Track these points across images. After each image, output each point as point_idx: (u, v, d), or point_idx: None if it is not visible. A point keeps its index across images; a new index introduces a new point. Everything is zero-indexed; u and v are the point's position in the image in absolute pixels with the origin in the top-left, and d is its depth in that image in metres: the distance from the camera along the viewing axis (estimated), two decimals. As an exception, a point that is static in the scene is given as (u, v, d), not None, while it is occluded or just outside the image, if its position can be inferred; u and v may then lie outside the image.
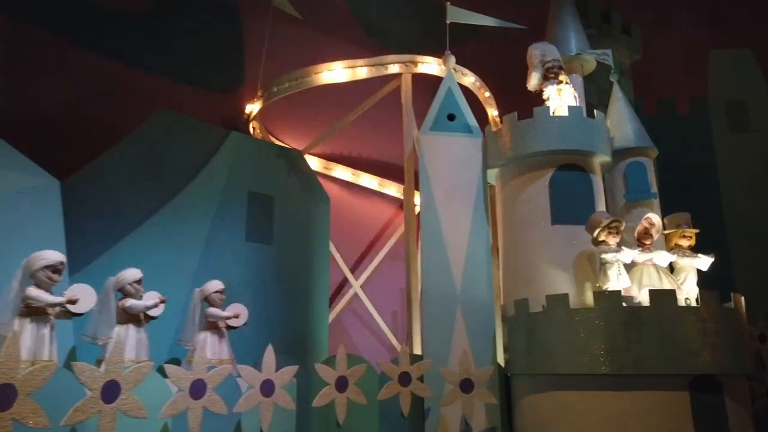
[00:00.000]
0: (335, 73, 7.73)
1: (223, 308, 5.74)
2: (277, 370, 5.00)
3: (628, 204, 6.76)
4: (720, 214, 8.38)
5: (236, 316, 5.70)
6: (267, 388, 4.95)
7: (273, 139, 9.06)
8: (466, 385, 5.86)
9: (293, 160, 7.85)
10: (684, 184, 8.49)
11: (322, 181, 8.69)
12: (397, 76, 7.73)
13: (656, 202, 6.81)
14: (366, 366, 5.59)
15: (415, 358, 5.90)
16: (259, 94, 8.22)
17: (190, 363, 5.11)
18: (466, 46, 9.43)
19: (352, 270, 9.53)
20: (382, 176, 9.99)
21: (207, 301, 5.66)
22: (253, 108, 8.41)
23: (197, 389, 4.45)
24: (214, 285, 5.70)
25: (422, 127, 6.82)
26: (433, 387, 5.79)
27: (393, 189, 10.04)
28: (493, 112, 8.80)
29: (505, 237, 6.64)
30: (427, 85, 7.92)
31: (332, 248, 8.94)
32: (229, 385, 4.84)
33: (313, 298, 7.68)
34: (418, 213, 6.83)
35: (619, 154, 6.84)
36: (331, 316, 8.91)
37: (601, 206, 6.44)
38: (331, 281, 8.86)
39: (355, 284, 9.35)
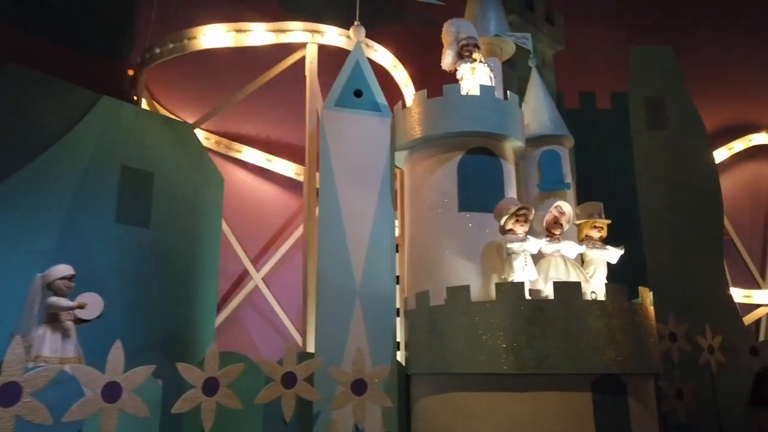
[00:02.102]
0: (229, 36, 6.89)
1: (73, 298, 4.85)
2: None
3: (541, 194, 6.40)
4: (635, 210, 8.25)
5: (81, 306, 4.79)
6: (111, 392, 4.14)
7: (164, 112, 8.10)
8: (359, 387, 5.28)
9: (180, 133, 6.99)
10: (601, 178, 8.33)
11: (222, 162, 7.89)
12: (302, 46, 7.02)
13: (570, 193, 6.51)
14: (242, 366, 4.89)
15: (306, 357, 5.30)
16: (138, 59, 7.25)
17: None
18: (388, 29, 8.88)
19: (255, 261, 8.75)
20: (292, 159, 9.23)
21: (50, 288, 4.76)
22: (136, 73, 7.43)
23: (9, 395, 3.60)
24: (60, 270, 4.79)
25: (325, 102, 6.20)
26: (325, 389, 5.19)
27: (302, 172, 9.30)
28: (408, 92, 8.25)
29: (411, 224, 6.17)
30: (341, 62, 7.27)
31: (231, 237, 8.14)
32: (69, 389, 4.04)
33: (200, 289, 6.87)
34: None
35: (534, 141, 6.49)
36: (227, 311, 8.13)
37: (512, 194, 6.07)
38: (229, 273, 8.08)
39: (257, 276, 8.59)
